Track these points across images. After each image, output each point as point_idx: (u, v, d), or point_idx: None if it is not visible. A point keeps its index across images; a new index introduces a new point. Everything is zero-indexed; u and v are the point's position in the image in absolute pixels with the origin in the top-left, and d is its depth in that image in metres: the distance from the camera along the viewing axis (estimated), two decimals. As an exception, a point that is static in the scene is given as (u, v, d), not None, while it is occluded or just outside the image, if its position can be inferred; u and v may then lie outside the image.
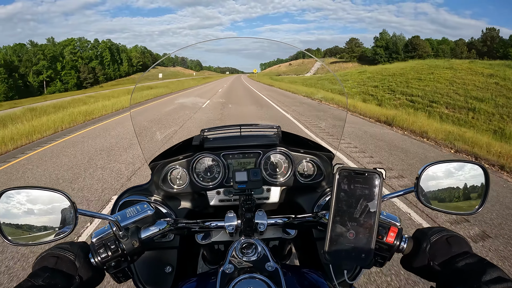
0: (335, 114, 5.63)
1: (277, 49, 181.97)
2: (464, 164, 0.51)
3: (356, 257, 0.42)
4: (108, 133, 5.66)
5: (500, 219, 2.39)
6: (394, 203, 2.59)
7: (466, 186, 0.50)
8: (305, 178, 0.79)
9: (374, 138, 5.02)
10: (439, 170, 0.50)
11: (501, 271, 0.39)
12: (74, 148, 4.58)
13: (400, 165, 3.63)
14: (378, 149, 4.30)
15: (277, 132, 0.82)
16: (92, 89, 43.89)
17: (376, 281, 1.62)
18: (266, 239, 0.70)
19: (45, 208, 0.46)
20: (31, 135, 5.54)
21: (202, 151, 0.77)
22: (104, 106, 9.14)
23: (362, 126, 6.21)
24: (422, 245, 0.46)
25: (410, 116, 6.93)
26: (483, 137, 5.58)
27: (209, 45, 8.31)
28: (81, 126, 6.75)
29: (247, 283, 0.42)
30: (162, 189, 0.76)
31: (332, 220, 0.43)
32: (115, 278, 0.50)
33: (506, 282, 0.37)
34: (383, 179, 0.44)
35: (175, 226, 0.58)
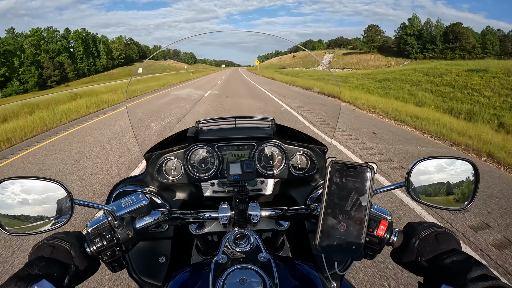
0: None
1: (274, 42, 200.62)
2: (455, 160, 0.61)
3: (347, 249, 0.51)
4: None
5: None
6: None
7: (456, 182, 0.60)
8: (299, 171, 0.91)
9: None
10: (429, 165, 0.60)
11: (487, 269, 0.46)
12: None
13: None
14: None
15: (272, 125, 0.95)
16: (53, 90, 42.75)
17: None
18: (259, 230, 0.80)
19: (42, 198, 0.55)
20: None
21: (197, 143, 0.89)
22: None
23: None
24: (411, 240, 0.55)
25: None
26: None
27: (205, 38, 9.43)
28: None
29: (240, 273, 0.51)
30: (157, 180, 0.88)
31: (324, 213, 0.51)
32: (110, 267, 0.59)
33: (491, 280, 0.44)
34: (374, 173, 0.52)
35: (170, 216, 0.68)
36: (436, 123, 6.88)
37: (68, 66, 62.86)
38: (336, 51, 78.03)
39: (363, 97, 10.79)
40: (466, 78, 16.92)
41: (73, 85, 50.85)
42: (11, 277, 0.45)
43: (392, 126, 6.79)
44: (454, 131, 6.23)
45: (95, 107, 9.84)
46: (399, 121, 7.29)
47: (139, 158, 4.27)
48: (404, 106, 9.50)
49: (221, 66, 46.55)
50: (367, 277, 1.82)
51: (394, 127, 6.69)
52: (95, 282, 1.84)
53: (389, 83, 19.47)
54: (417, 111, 8.48)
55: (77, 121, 8.01)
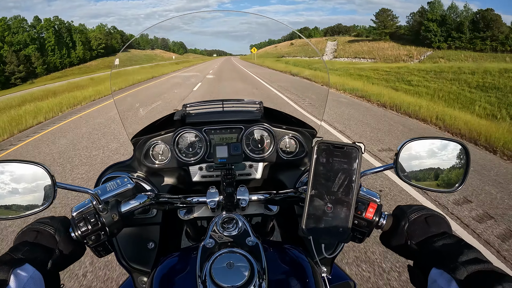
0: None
1: (266, 30, 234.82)
2: (445, 141, 0.66)
3: (334, 231, 0.56)
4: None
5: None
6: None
7: (446, 164, 0.66)
8: (287, 155, 0.99)
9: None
10: (419, 146, 0.66)
11: (478, 253, 0.50)
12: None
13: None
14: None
15: (260, 108, 1.03)
16: (12, 89, 40.68)
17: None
18: (248, 215, 0.88)
19: (24, 181, 0.61)
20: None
21: (184, 126, 0.96)
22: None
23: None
24: (400, 223, 0.60)
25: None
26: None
27: (196, 27, 8.99)
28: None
29: (227, 257, 0.56)
30: (145, 165, 0.95)
31: (310, 194, 0.56)
32: (96, 252, 0.65)
33: (483, 263, 0.47)
34: (362, 153, 0.57)
35: (156, 200, 0.74)
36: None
37: (36, 60, 60.47)
38: (338, 38, 76.76)
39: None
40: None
41: (40, 81, 49.74)
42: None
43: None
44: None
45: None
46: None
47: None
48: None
49: (213, 55, 46.70)
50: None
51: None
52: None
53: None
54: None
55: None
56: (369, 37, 67.07)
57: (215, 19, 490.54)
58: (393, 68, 22.70)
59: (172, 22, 10.51)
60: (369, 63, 40.91)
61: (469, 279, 0.46)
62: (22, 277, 0.49)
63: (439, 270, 0.49)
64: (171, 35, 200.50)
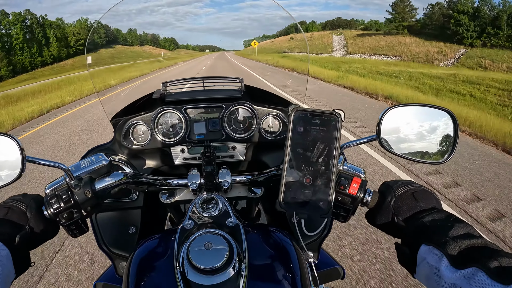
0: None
1: (259, 26, 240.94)
2: (430, 109, 0.69)
3: (314, 205, 0.58)
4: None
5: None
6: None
7: (432, 133, 0.69)
8: (271, 134, 1.05)
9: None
10: (402, 114, 0.68)
11: (470, 227, 0.52)
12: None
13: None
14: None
15: (241, 86, 1.10)
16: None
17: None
18: (232, 198, 0.93)
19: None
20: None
21: (163, 106, 1.01)
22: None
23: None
24: (386, 199, 0.62)
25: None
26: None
27: (188, 23, 10.23)
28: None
29: (205, 238, 0.60)
30: (125, 147, 1.01)
31: (287, 165, 0.59)
32: (69, 231, 0.69)
33: (475, 239, 0.49)
34: (342, 121, 0.60)
35: (134, 179, 0.79)
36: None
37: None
38: (344, 32, 75.24)
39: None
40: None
41: (3, 85, 48.66)
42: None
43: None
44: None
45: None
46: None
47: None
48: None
49: (205, 51, 47.13)
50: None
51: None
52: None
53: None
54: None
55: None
56: (379, 31, 66.63)
57: (207, 15, 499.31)
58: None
59: (187, 23, 11.20)
60: (397, 62, 39.49)
61: (462, 255, 0.47)
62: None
63: (429, 246, 0.51)
64: (163, 32, 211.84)
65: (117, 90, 1.33)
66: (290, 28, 76.85)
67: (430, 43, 51.01)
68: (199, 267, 0.55)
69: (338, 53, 60.19)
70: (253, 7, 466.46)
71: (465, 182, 3.75)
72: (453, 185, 3.67)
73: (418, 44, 51.64)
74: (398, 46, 52.16)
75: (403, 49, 50.02)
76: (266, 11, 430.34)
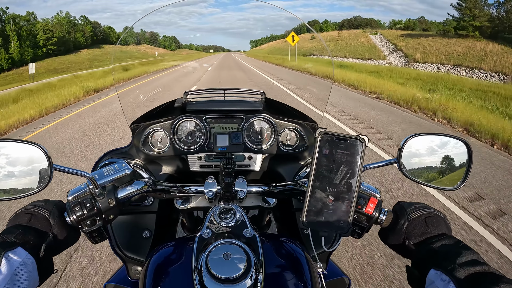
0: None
1: (263, 26, 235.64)
2: (448, 138, 0.74)
3: (334, 224, 0.61)
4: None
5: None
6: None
7: (448, 161, 0.73)
8: (288, 147, 1.07)
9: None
10: (422, 142, 0.73)
11: (477, 254, 0.55)
12: None
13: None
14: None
15: (261, 99, 1.12)
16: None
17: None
18: (246, 207, 0.95)
19: (20, 162, 0.66)
20: None
21: (184, 114, 1.03)
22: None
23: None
24: (400, 222, 0.66)
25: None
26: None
27: (193, 23, 11.58)
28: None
29: (224, 248, 0.62)
30: (143, 152, 1.02)
31: (312, 185, 0.62)
32: (90, 238, 0.71)
33: (481, 265, 0.52)
34: (365, 146, 0.62)
35: (154, 187, 0.81)
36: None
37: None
38: (385, 32, 61.14)
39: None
40: None
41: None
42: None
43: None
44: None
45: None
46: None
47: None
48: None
49: (209, 51, 44.30)
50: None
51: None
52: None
53: None
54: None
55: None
56: (429, 32, 55.60)
57: (212, 15, 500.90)
58: None
59: (192, 23, 14.76)
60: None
61: (467, 281, 0.50)
62: (14, 260, 0.53)
63: (437, 271, 0.54)
64: (167, 31, 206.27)
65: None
66: (301, 28, 69.55)
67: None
68: (217, 276, 0.56)
69: (395, 60, 44.32)
70: (258, 8, 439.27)
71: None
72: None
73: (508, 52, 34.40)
74: (486, 55, 34.35)
75: (500, 61, 32.37)
76: (271, 12, 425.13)
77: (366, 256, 2.52)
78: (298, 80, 9.40)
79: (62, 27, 68.25)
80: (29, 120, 7.89)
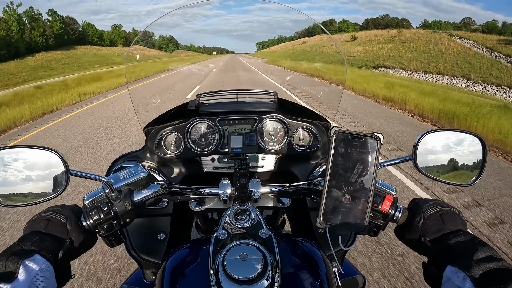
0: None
1: (268, 29, 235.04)
2: (462, 134, 0.74)
3: (352, 222, 0.61)
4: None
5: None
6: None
7: (463, 157, 0.73)
8: (301, 147, 1.07)
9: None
10: (436, 138, 0.73)
11: (493, 250, 0.55)
12: None
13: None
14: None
15: (274, 99, 1.11)
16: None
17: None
18: (260, 207, 0.94)
19: (37, 167, 0.66)
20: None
21: (197, 116, 1.04)
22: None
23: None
24: (415, 219, 0.66)
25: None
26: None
27: (197, 25, 15.65)
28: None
29: (240, 249, 0.62)
30: (157, 155, 1.03)
31: (328, 184, 0.62)
32: (107, 242, 0.71)
33: (497, 261, 0.52)
34: (380, 144, 0.62)
35: (169, 190, 0.81)
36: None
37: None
38: (457, 33, 46.14)
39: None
40: None
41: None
42: (2, 252, 0.54)
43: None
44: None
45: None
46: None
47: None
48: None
49: (212, 53, 41.19)
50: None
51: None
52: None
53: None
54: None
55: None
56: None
57: (216, 17, 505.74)
58: None
59: (194, 24, 15.47)
60: None
61: (484, 277, 0.51)
62: (31, 268, 0.53)
63: (454, 268, 0.54)
64: (175, 33, 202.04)
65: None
66: (315, 28, 64.29)
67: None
68: (234, 277, 0.56)
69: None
70: (262, 10, 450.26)
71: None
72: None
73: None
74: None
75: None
76: (275, 14, 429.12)
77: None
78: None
79: (6, 24, 51.51)
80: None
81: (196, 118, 1.05)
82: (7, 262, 0.52)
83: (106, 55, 65.11)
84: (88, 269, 2.31)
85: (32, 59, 50.58)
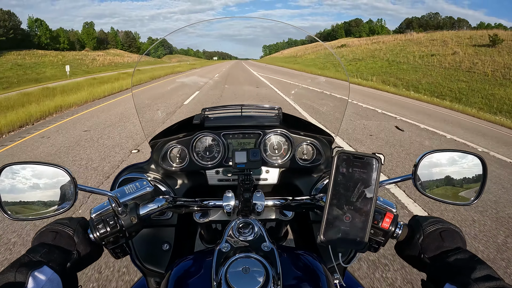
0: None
1: (271, 34, 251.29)
2: (463, 154, 0.75)
3: (352, 240, 0.63)
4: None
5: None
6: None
7: (463, 177, 0.74)
8: (304, 161, 1.09)
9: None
10: (437, 158, 0.74)
11: (491, 269, 0.55)
12: None
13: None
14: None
15: (278, 114, 1.13)
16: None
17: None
18: (263, 220, 0.95)
19: (45, 183, 0.68)
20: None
21: (202, 130, 1.05)
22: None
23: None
24: (415, 236, 0.67)
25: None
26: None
27: (200, 30, 12.49)
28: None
29: (242, 262, 0.63)
30: (162, 167, 1.05)
31: (329, 203, 0.63)
32: (113, 254, 0.72)
33: (495, 281, 0.52)
34: (381, 164, 0.63)
35: (174, 204, 0.82)
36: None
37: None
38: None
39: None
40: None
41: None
42: (12, 263, 0.56)
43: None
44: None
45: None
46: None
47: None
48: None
49: (213, 59, 38.29)
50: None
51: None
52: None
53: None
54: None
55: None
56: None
57: (219, 22, 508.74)
58: None
59: (200, 29, 9.60)
60: None
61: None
62: (40, 279, 0.54)
63: (452, 286, 0.55)
64: (178, 38, 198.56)
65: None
66: (337, 30, 55.21)
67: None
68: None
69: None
70: (265, 16, 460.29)
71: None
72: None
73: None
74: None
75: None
76: (278, 20, 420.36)
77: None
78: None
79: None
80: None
81: (201, 132, 1.07)
82: (17, 273, 0.53)
83: (43, 63, 42.81)
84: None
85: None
